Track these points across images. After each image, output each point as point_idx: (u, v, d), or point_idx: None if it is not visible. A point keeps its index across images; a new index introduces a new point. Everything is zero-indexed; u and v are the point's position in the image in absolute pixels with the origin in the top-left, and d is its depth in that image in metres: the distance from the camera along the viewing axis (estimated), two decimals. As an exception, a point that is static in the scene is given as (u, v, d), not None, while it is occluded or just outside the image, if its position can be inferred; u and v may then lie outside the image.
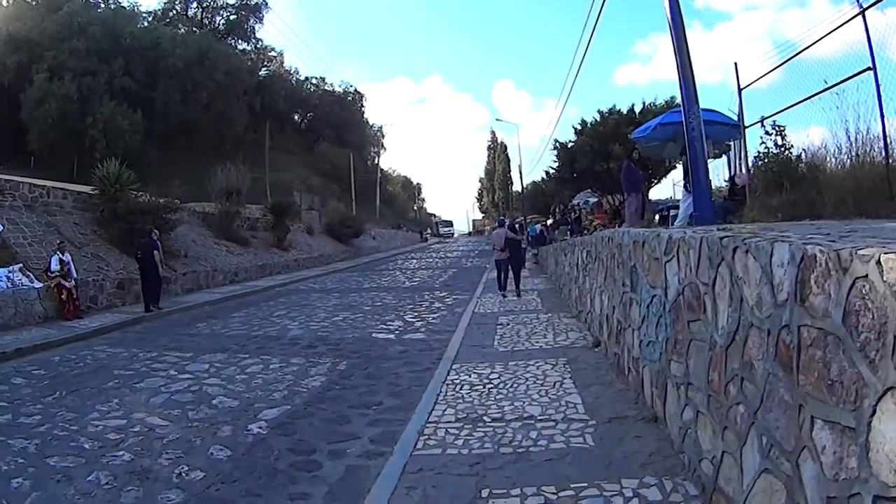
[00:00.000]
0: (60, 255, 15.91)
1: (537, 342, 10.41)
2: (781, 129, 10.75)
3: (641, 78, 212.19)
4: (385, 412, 7.35)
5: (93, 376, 9.86)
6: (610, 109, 37.19)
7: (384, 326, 13.78)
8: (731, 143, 15.05)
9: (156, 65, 53.45)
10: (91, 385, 9.20)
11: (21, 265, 15.88)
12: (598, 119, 37.20)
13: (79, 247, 18.73)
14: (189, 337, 13.53)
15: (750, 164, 11.69)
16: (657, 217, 16.04)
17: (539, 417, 6.32)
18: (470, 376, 8.27)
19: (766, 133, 10.80)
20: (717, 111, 13.59)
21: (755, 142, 11.83)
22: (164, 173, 38.95)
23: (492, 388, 7.62)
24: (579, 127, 38.38)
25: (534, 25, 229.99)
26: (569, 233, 24.33)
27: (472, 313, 14.50)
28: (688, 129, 8.41)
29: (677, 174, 34.59)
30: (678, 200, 23.07)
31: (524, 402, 6.87)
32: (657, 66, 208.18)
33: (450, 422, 6.39)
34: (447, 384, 7.92)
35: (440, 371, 8.73)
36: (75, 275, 16.19)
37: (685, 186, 11.32)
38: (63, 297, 15.80)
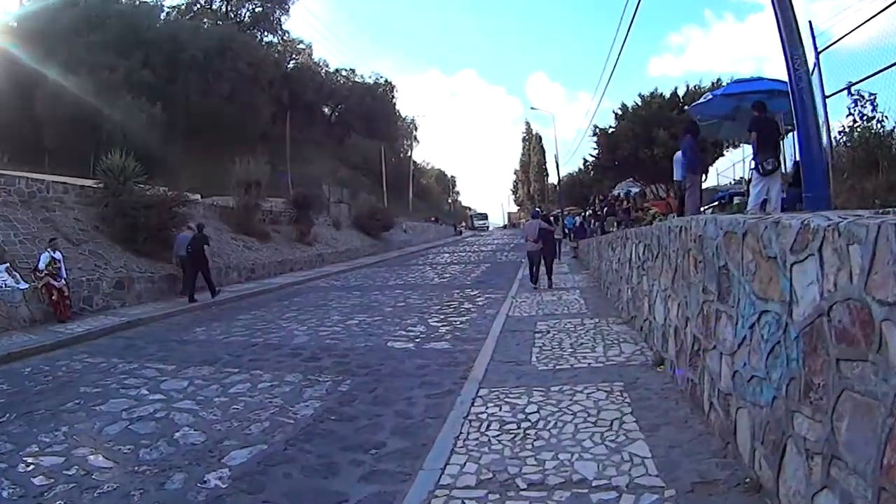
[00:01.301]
0: (51, 253, 14.59)
1: (584, 358, 8.44)
2: (873, 97, 8.94)
3: (675, 70, 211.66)
4: (386, 459, 5.60)
5: (56, 394, 8.51)
6: (652, 93, 35.73)
7: (403, 333, 12.01)
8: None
9: (176, 57, 52.44)
10: (48, 406, 7.83)
11: (8, 265, 14.52)
12: (640, 103, 35.48)
13: (76, 244, 17.42)
14: (180, 344, 12.07)
15: (833, 140, 9.83)
16: (709, 209, 14.10)
17: (594, 482, 4.46)
18: (500, 408, 6.39)
19: (854, 103, 9.02)
20: (783, 81, 11.75)
21: (837, 115, 10.10)
22: (186, 167, 38.16)
23: (528, 427, 5.75)
24: (620, 112, 36.73)
25: (565, 16, 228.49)
26: (616, 224, 22.51)
27: (505, 317, 12.63)
28: (793, 81, 6.38)
29: (723, 162, 32.96)
30: (731, 186, 21.23)
31: (573, 455, 5.00)
32: (690, 57, 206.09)
33: (469, 486, 4.57)
34: (470, 420, 6.08)
35: (463, 398, 6.88)
36: (65, 274, 14.81)
37: (757, 167, 9.46)
38: (53, 297, 14.46)
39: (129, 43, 49.07)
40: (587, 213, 36.70)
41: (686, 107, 18.64)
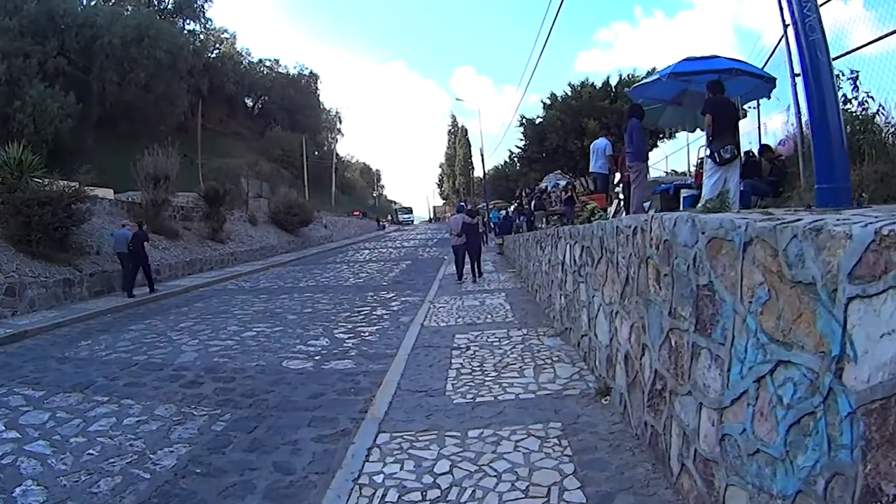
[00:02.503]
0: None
1: (512, 385, 6.96)
2: (855, 74, 7.86)
3: (603, 66, 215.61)
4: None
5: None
6: (583, 82, 35.04)
7: (303, 348, 10.45)
8: (758, 105, 12.26)
9: (92, 43, 50.18)
10: None
11: None
12: (570, 93, 34.63)
13: (-31, 247, 15.48)
14: (58, 363, 10.36)
15: (804, 126, 8.75)
16: (647, 203, 12.90)
17: None
18: (402, 465, 4.91)
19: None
20: (742, 60, 10.61)
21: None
22: (100, 160, 36.09)
23: (437, 499, 4.27)
24: (549, 101, 35.78)
25: (495, 10, 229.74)
26: (545, 219, 21.49)
27: (420, 327, 11.20)
28: (803, 33, 4.89)
29: (656, 154, 32.21)
30: (673, 177, 20.15)
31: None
32: (619, 53, 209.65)
33: None
34: (361, 485, 4.58)
35: (357, 448, 5.36)
36: None
37: (713, 155, 8.26)
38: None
39: (45, 28, 47.37)
40: (513, 208, 35.77)
41: (627, 88, 17.59)
